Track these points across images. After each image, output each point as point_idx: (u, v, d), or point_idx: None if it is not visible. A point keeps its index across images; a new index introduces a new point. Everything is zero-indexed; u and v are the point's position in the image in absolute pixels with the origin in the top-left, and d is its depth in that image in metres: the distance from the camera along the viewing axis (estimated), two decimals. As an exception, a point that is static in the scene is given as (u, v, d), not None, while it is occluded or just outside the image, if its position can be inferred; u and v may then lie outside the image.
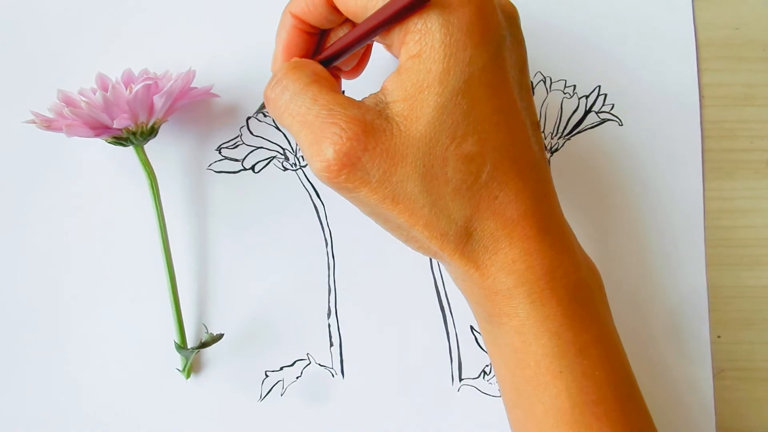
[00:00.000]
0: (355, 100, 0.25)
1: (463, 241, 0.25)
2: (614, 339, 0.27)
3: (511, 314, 0.26)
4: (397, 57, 0.26)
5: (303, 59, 0.28)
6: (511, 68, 0.26)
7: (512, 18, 0.27)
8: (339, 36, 0.29)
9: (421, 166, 0.24)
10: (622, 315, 0.35)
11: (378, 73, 0.37)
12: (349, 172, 0.24)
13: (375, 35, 0.25)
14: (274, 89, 0.26)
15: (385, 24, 0.24)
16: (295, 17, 0.28)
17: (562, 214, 0.27)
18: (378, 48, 0.33)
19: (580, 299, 0.26)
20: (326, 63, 0.28)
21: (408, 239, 0.26)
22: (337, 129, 0.24)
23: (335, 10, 0.27)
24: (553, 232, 0.26)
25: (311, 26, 0.28)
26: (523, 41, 0.27)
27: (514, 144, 0.25)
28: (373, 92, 0.26)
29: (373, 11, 0.25)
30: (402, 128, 0.24)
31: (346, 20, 0.28)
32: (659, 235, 0.36)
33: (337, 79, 0.30)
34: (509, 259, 0.25)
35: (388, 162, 0.24)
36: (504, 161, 0.25)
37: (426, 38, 0.24)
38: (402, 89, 0.24)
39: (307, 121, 0.25)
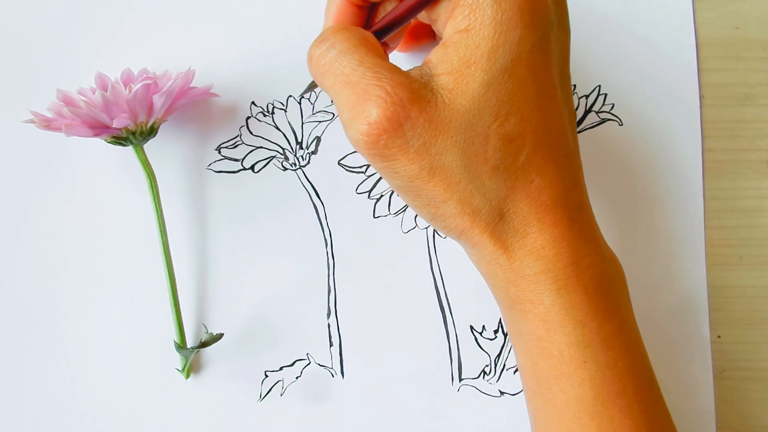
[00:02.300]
0: (401, 69, 0.25)
1: (494, 221, 0.25)
2: (635, 331, 0.27)
3: (536, 301, 0.25)
4: (439, 33, 0.25)
5: (353, 26, 0.27)
6: (555, 54, 0.25)
7: (561, 4, 0.26)
8: (387, 11, 0.28)
9: (462, 141, 0.24)
10: (623, 315, 0.35)
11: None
12: (389, 138, 0.24)
13: (424, 8, 0.25)
14: (320, 46, 0.26)
15: None
16: None
17: (590, 206, 0.27)
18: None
19: (604, 290, 0.26)
20: (377, 36, 0.27)
21: (435, 217, 0.26)
22: (383, 92, 0.23)
23: None
24: (582, 222, 0.26)
25: None
26: (569, 29, 0.27)
27: (552, 130, 0.25)
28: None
29: None
30: (447, 101, 0.24)
31: None
32: (659, 235, 0.36)
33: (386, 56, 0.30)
34: (538, 245, 0.25)
35: (429, 132, 0.24)
36: (542, 146, 0.25)
37: (476, 13, 0.23)
38: (448, 62, 0.24)
39: (351, 82, 0.24)
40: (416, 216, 0.36)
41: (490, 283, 0.27)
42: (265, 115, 0.37)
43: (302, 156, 0.37)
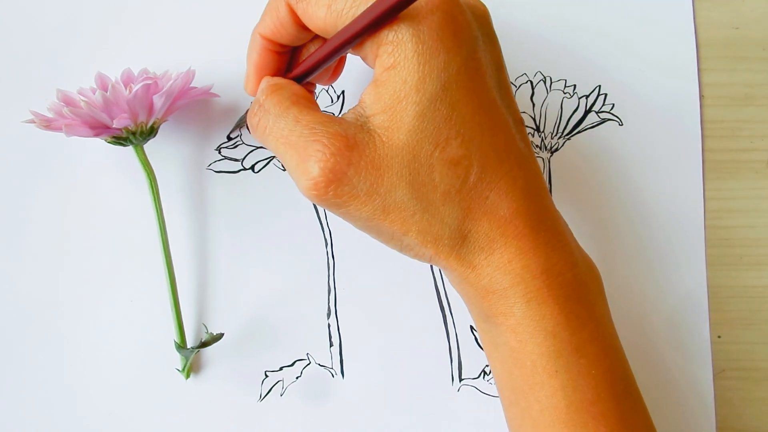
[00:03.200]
0: (335, 117, 0.25)
1: (458, 244, 0.25)
2: (611, 336, 0.27)
3: (507, 314, 0.26)
4: (372, 67, 0.26)
5: (281, 80, 0.28)
6: (487, 67, 0.26)
7: (483, 17, 0.27)
8: (310, 51, 0.28)
9: (407, 175, 0.24)
10: (623, 315, 0.35)
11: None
12: (337, 188, 0.24)
13: (346, 50, 0.25)
14: (257, 114, 0.27)
15: (356, 38, 0.24)
16: (265, 38, 0.28)
17: (555, 210, 0.27)
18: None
19: (576, 297, 0.26)
20: (301, 79, 0.28)
21: (403, 248, 0.26)
22: (320, 146, 0.24)
23: (304, 28, 0.27)
24: (548, 229, 0.26)
25: (281, 45, 0.28)
26: (497, 39, 0.27)
27: (499, 143, 0.25)
28: (352, 107, 0.26)
29: (343, 27, 0.25)
30: (384, 140, 0.24)
31: (317, 36, 0.28)
32: (659, 235, 0.36)
33: (312, 93, 0.30)
34: (505, 259, 0.25)
35: (374, 174, 0.24)
36: (490, 161, 0.25)
37: (399, 49, 0.24)
38: (380, 101, 0.24)
39: (291, 142, 0.25)
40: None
41: (464, 300, 0.28)
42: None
43: (302, 156, 0.37)
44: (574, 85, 0.37)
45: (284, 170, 0.36)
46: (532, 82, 0.37)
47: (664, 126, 0.37)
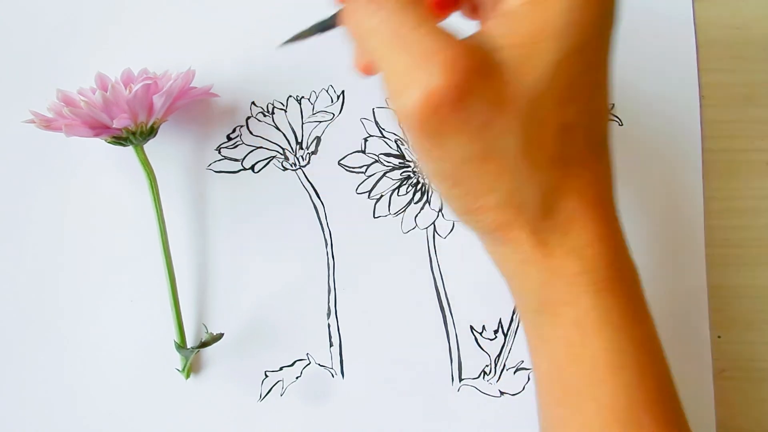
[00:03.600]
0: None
1: (539, 217, 0.23)
2: (658, 335, 0.26)
3: (572, 303, 0.23)
4: (483, 4, 0.23)
5: None
6: (612, 44, 0.23)
7: None
8: None
9: (521, 125, 0.21)
10: (622, 315, 0.35)
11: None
12: (449, 111, 0.20)
13: None
14: (368, 6, 0.22)
15: None
16: None
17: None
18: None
19: (637, 291, 0.24)
20: None
21: (471, 210, 0.23)
22: (452, 54, 0.20)
23: None
24: (617, 222, 0.24)
25: None
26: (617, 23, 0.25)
27: (605, 125, 0.23)
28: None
29: None
30: (512, 78, 0.21)
31: None
32: (659, 235, 0.36)
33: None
34: (581, 243, 0.23)
35: (491, 111, 0.21)
36: (592, 140, 0.23)
37: None
38: (515, 35, 0.21)
39: (407, 43, 0.20)
40: (416, 216, 0.36)
41: (516, 284, 0.25)
42: (265, 115, 0.37)
43: (302, 156, 0.37)
44: (574, 85, 0.37)
45: (284, 170, 0.36)
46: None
47: (664, 126, 0.37)
